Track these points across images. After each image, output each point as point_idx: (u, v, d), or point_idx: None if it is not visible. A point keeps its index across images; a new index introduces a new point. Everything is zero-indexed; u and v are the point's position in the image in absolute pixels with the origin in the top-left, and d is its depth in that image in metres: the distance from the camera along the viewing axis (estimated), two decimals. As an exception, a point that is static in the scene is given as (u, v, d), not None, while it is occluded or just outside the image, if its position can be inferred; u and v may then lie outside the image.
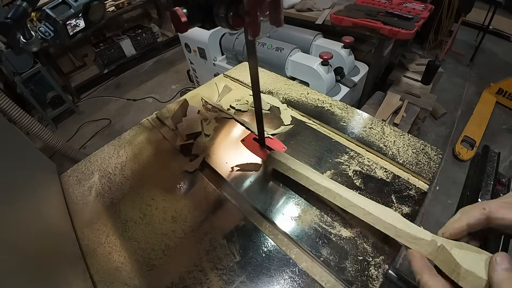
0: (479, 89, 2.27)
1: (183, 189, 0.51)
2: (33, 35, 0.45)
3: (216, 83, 0.75)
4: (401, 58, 1.98)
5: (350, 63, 1.47)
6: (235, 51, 1.62)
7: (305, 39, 1.51)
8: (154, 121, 0.66)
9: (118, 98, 2.67)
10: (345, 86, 1.42)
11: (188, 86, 2.67)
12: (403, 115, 1.47)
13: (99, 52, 2.65)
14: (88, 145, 2.20)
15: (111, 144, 0.62)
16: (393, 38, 1.28)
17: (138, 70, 3.07)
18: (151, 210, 0.48)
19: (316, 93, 0.69)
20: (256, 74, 0.41)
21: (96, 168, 0.57)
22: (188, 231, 0.44)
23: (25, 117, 1.39)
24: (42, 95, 2.24)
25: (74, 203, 0.52)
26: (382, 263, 0.37)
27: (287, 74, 1.45)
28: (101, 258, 0.43)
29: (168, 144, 0.60)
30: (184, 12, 0.30)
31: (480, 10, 2.52)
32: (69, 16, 0.45)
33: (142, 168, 0.56)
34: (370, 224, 0.36)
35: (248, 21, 0.31)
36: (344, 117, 0.61)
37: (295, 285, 0.37)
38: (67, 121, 2.47)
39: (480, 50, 2.57)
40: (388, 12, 1.36)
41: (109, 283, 0.40)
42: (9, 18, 0.41)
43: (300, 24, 1.62)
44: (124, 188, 0.53)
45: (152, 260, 0.42)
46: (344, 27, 1.39)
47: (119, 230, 0.46)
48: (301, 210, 0.44)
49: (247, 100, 0.68)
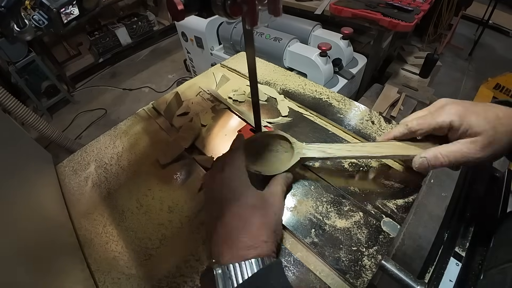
0: (476, 83, 2.28)
1: (180, 179, 0.51)
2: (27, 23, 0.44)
3: (213, 72, 0.75)
4: (400, 51, 1.97)
5: (348, 55, 1.46)
6: (232, 41, 1.60)
7: (304, 30, 1.50)
8: (150, 111, 0.65)
9: (114, 87, 2.64)
10: (343, 78, 1.42)
11: (184, 75, 2.64)
12: (400, 108, 1.47)
13: (94, 41, 2.60)
14: (84, 135, 2.19)
15: (107, 134, 0.62)
16: (392, 30, 1.27)
17: (134, 59, 3.03)
18: (148, 200, 0.48)
19: (313, 84, 0.68)
20: (254, 64, 0.41)
21: (92, 159, 0.57)
22: (185, 221, 0.45)
23: (20, 107, 1.38)
24: (36, 85, 2.21)
25: (70, 193, 0.52)
26: (376, 254, 0.38)
27: (285, 64, 1.44)
28: (98, 248, 0.43)
29: (164, 134, 0.59)
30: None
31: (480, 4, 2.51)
32: (63, 3, 0.44)
33: (139, 159, 0.56)
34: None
35: (246, 10, 0.30)
36: (341, 109, 0.61)
37: (290, 274, 0.38)
38: (62, 111, 2.45)
39: (479, 44, 2.57)
40: (388, 3, 1.35)
41: (106, 272, 0.41)
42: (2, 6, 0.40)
43: (299, 14, 1.60)
44: (120, 179, 0.52)
45: (149, 250, 0.42)
46: (344, 18, 1.38)
47: (116, 220, 0.46)
48: (296, 201, 0.45)
49: (244, 90, 0.68)
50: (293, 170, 0.44)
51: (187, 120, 0.60)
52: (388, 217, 0.42)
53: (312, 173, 0.49)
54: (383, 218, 0.42)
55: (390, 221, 0.41)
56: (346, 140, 0.54)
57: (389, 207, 0.43)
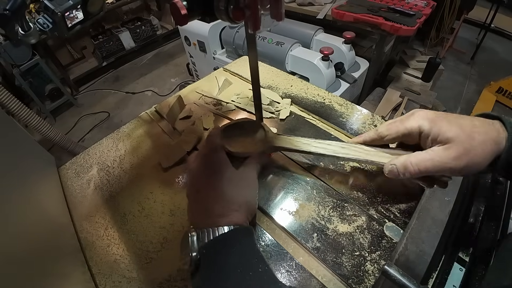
0: (479, 87, 2.27)
1: (182, 182, 0.51)
2: (32, 27, 0.45)
3: (216, 76, 0.75)
4: (402, 55, 1.97)
5: (350, 59, 1.46)
6: (235, 45, 1.61)
7: (306, 34, 1.50)
8: (153, 115, 0.66)
9: (117, 91, 2.66)
10: (345, 82, 1.42)
11: (187, 79, 2.65)
12: (402, 112, 1.47)
13: (98, 45, 2.62)
14: (87, 138, 2.20)
15: (110, 137, 0.62)
16: (394, 34, 1.27)
17: (137, 63, 3.05)
18: (150, 203, 0.48)
19: (316, 88, 0.68)
20: (256, 68, 0.41)
21: (94, 161, 0.57)
22: (186, 224, 0.45)
23: (24, 109, 1.39)
24: (40, 88, 2.23)
25: (72, 196, 0.52)
26: (378, 259, 0.37)
27: (287, 68, 1.45)
28: (99, 251, 0.43)
29: (167, 138, 0.60)
30: (184, 4, 0.30)
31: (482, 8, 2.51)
32: (67, 7, 0.44)
33: (141, 162, 0.56)
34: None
35: (249, 15, 0.31)
36: (344, 113, 0.61)
37: (292, 279, 0.37)
38: (66, 114, 2.46)
39: (482, 48, 2.57)
40: (390, 7, 1.35)
41: (107, 275, 0.40)
42: (8, 9, 0.41)
43: (301, 19, 1.61)
44: (122, 182, 0.53)
45: (151, 253, 0.42)
46: (345, 22, 1.38)
47: (117, 223, 0.46)
48: (299, 205, 0.45)
49: (247, 95, 0.68)
50: (267, 156, 0.48)
51: (190, 124, 0.61)
52: (391, 221, 0.41)
53: (315, 177, 0.49)
54: (386, 222, 0.41)
55: (393, 225, 0.41)
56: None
57: (392, 212, 0.43)
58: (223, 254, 0.30)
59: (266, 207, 0.45)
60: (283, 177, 0.49)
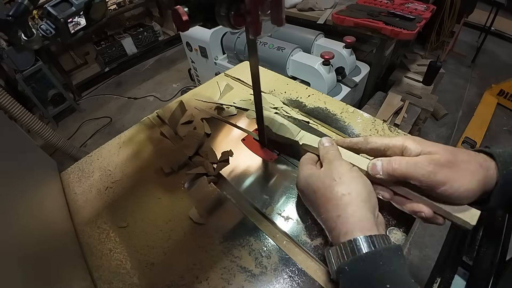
0: (480, 90, 2.27)
1: (183, 188, 0.51)
2: (34, 32, 0.45)
3: (217, 82, 0.75)
4: (403, 59, 1.98)
5: (351, 63, 1.47)
6: (236, 50, 1.62)
7: (307, 39, 1.51)
8: (155, 120, 0.66)
9: (119, 96, 2.67)
10: (346, 86, 1.42)
11: (189, 85, 2.67)
12: (404, 116, 1.47)
13: (101, 50, 2.65)
14: (89, 143, 2.21)
15: (112, 143, 0.62)
16: (394, 38, 1.28)
17: (139, 68, 3.07)
18: (152, 208, 0.48)
19: (317, 93, 0.69)
20: (257, 73, 0.41)
21: (96, 166, 0.57)
22: (188, 230, 0.44)
23: (26, 114, 1.40)
24: (43, 93, 2.24)
25: (74, 201, 0.52)
26: (382, 264, 0.37)
27: (288, 73, 1.45)
28: (101, 256, 0.43)
29: (168, 143, 0.60)
30: (185, 10, 0.30)
31: (482, 11, 2.52)
32: (70, 14, 0.45)
33: (143, 167, 0.56)
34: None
35: (249, 20, 0.31)
36: (345, 117, 0.61)
37: (294, 284, 0.37)
38: (68, 119, 2.47)
39: (482, 51, 2.57)
40: (390, 12, 1.36)
41: (108, 281, 0.40)
42: (11, 15, 0.41)
43: (301, 24, 1.62)
44: (124, 187, 0.53)
45: (152, 259, 0.42)
46: (346, 27, 1.39)
47: (119, 228, 0.46)
48: (301, 210, 0.44)
49: (249, 99, 0.68)
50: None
51: (191, 129, 0.61)
52: (394, 226, 0.41)
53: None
54: (389, 227, 0.41)
55: (396, 230, 0.41)
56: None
57: (394, 216, 0.42)
58: None
59: (267, 212, 0.45)
60: (284, 181, 0.49)
